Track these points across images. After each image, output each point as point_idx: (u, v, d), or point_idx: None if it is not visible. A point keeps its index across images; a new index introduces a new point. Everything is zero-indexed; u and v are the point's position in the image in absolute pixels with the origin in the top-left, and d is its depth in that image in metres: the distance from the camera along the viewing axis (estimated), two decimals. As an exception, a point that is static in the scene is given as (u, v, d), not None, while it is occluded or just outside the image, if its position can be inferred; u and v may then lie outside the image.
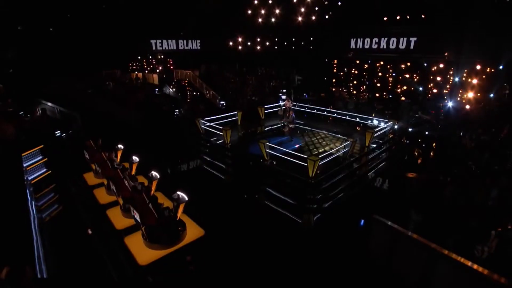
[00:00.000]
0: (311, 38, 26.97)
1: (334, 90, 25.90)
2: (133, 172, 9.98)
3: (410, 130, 17.14)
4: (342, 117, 17.72)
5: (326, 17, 24.05)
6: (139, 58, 25.03)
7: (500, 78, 15.97)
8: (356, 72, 25.22)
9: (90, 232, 8.07)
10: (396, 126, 15.91)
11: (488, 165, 10.51)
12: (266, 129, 16.88)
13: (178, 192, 7.53)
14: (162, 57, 25.95)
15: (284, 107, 17.58)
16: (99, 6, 19.85)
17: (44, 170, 10.88)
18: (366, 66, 24.36)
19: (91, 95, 16.49)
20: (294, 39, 28.07)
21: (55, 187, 10.75)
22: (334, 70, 26.86)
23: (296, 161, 11.12)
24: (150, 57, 25.38)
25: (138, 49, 22.01)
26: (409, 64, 21.24)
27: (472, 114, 15.88)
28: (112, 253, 7.15)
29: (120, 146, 11.10)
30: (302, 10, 22.98)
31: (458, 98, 18.05)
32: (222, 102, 21.83)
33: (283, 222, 8.99)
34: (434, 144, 15.20)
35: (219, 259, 7.18)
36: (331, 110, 18.73)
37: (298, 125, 17.36)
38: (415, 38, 18.17)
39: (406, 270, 5.82)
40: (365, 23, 21.15)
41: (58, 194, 10.49)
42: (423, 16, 19.27)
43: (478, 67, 17.02)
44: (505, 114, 14.22)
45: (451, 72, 18.99)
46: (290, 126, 14.40)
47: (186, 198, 7.39)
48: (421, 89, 20.72)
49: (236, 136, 15.05)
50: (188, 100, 22.67)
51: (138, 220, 6.93)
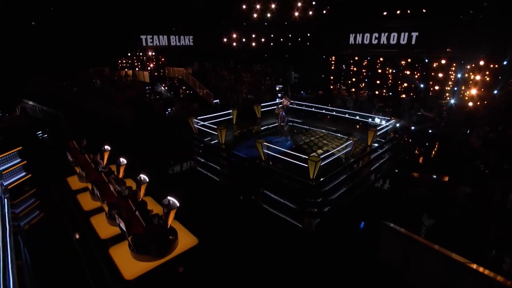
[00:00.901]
0: (308, 34, 26.62)
1: (332, 87, 25.54)
2: (120, 175, 9.42)
3: (412, 128, 16.81)
4: (341, 115, 17.32)
5: (324, 12, 23.69)
6: (129, 55, 24.31)
7: (505, 74, 15.70)
8: (355, 69, 24.88)
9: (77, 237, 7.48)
10: (397, 125, 15.56)
11: (497, 164, 10.16)
12: (263, 128, 16.41)
13: (169, 197, 7.02)
14: (154, 54, 25.26)
15: (281, 105, 17.30)
16: (86, -1, 19.15)
17: (23, 173, 10.22)
18: (366, 62, 24.02)
19: (77, 94, 15.80)
20: (290, 35, 27.69)
21: (36, 192, 10.16)
22: (332, 67, 26.50)
23: (295, 161, 10.66)
24: (141, 54, 24.68)
25: (127, 44, 21.29)
26: (409, 60, 20.94)
27: (476, 112, 15.59)
28: (94, 265, 6.57)
29: (106, 147, 10.54)
30: (299, 4, 22.57)
31: (461, 95, 17.78)
32: (216, 101, 21.26)
33: (283, 227, 8.56)
34: (437, 142, 14.88)
35: (215, 270, 6.71)
36: (330, 108, 18.32)
37: (296, 124, 17.03)
38: (417, 33, 17.85)
39: (425, 283, 5.36)
40: (364, 18, 20.79)
41: (39, 199, 9.90)
42: (424, 10, 18.98)
43: (482, 63, 16.75)
44: (512, 111, 13.95)
45: (453, 68, 18.72)
46: (282, 124, 14.21)
47: (178, 204, 6.89)
48: (422, 86, 20.43)
49: (231, 135, 14.56)
50: (181, 98, 22.06)
51: (124, 229, 6.37)
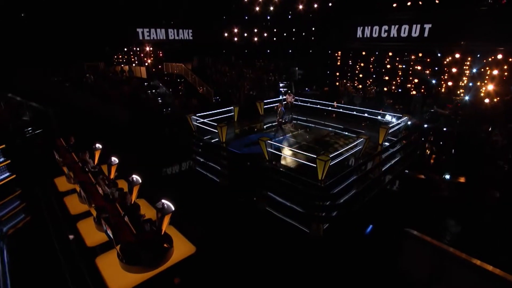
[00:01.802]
0: (313, 28, 25.98)
1: (338, 84, 24.91)
2: (112, 175, 8.86)
3: (425, 126, 16.15)
4: (349, 112, 16.73)
5: (330, 4, 23.02)
6: (125, 50, 23.73)
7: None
8: (362, 64, 24.22)
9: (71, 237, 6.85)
10: (409, 122, 14.92)
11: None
12: (266, 126, 15.81)
13: (163, 200, 6.44)
14: (151, 49, 24.70)
15: (285, 102, 16.74)
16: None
17: (7, 174, 9.67)
18: (373, 57, 23.35)
19: (69, 89, 15.23)
20: (294, 30, 27.06)
21: (21, 194, 9.66)
22: (338, 63, 25.85)
23: (301, 161, 10.07)
24: (138, 48, 24.10)
25: (123, 38, 20.65)
26: (421, 54, 20.23)
27: (494, 108, 14.89)
28: (78, 276, 5.97)
29: (98, 145, 10.01)
30: (303, -4, 21.95)
31: (477, 91, 17.08)
32: (216, 97, 20.67)
33: (288, 232, 8.15)
34: (454, 141, 14.22)
35: (214, 282, 6.16)
36: (337, 105, 17.71)
37: (300, 121, 16.53)
38: (430, 25, 17.09)
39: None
40: (372, 10, 20.09)
41: (25, 202, 9.39)
42: (437, 1, 18.27)
43: (500, 57, 16.05)
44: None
45: (468, 63, 18.02)
46: (280, 120, 14.00)
47: (173, 208, 6.33)
48: (434, 82, 19.73)
49: (232, 133, 13.98)
50: (180, 94, 21.54)
51: (111, 236, 5.77)
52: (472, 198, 7.63)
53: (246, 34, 27.63)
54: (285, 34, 27.56)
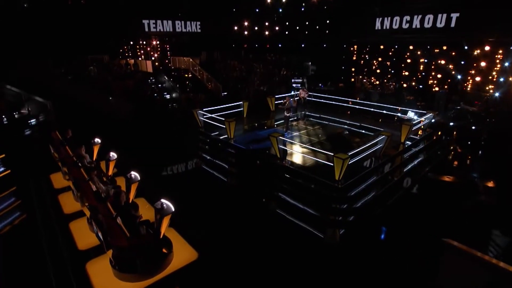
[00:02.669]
0: (328, 21, 25.14)
1: (354, 80, 24.01)
2: (110, 172, 8.35)
3: (450, 124, 15.17)
4: (366, 108, 15.96)
5: (346, -6, 22.19)
6: (131, 43, 23.42)
7: None
8: (380, 59, 23.24)
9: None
10: (433, 120, 14.01)
11: None
12: (277, 123, 15.19)
13: (163, 200, 5.84)
14: (158, 42, 24.37)
15: (298, 98, 16.10)
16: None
17: (1, 169, 9.31)
18: (392, 51, 22.34)
19: (70, 82, 14.91)
20: (307, 23, 26.28)
21: (17, 191, 9.25)
22: (354, 58, 24.94)
23: (316, 159, 9.50)
24: (144, 42, 23.77)
25: (128, 29, 20.29)
26: (445, 47, 19.12)
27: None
28: (65, 284, 5.43)
29: (97, 140, 9.54)
30: (318, -14, 21.20)
31: (510, 86, 15.92)
32: (225, 93, 20.14)
33: (300, 237, 7.53)
34: (484, 141, 13.25)
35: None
36: (354, 100, 16.96)
37: (313, 118, 15.94)
38: (458, 14, 15.98)
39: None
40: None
41: (21, 199, 8.98)
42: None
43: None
44: None
45: (499, 56, 16.88)
46: (287, 115, 13.42)
47: (172, 209, 5.73)
48: (459, 77, 18.62)
49: (241, 130, 13.43)
50: (187, 90, 21.11)
51: (101, 239, 5.21)
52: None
53: (256, 28, 27.01)
54: (297, 28, 26.81)
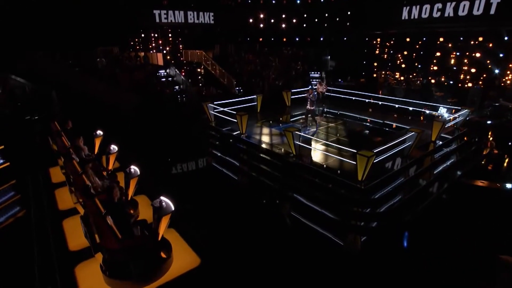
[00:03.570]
0: (349, 13, 24.12)
1: (376, 75, 22.94)
2: (110, 166, 7.90)
3: (488, 122, 14.03)
4: (391, 104, 15.41)
5: (370, -17, 21.14)
6: (142, 36, 23.27)
7: None
8: (405, 52, 22.08)
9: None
10: (468, 118, 12.95)
11: None
12: (294, 119, 14.52)
13: (162, 197, 5.28)
14: (170, 35, 24.16)
15: (315, 92, 15.38)
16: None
17: (0, 161, 9.06)
18: (419, 44, 21.12)
19: (78, 74, 14.77)
20: (327, 14, 25.34)
21: (16, 184, 8.99)
22: (377, 51, 23.83)
23: (336, 157, 9.08)
24: (155, 35, 23.58)
25: (138, 20, 20.06)
26: (481, 39, 17.77)
27: None
28: (51, 288, 4.97)
29: (99, 132, 9.17)
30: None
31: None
32: (239, 88, 19.61)
33: (316, 243, 7.06)
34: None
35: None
36: (377, 95, 16.11)
37: (333, 114, 15.39)
38: (499, -1, 14.58)
39: None
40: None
41: (20, 193, 8.71)
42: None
43: None
44: None
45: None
46: (309, 108, 12.93)
47: (172, 208, 5.14)
48: (497, 71, 17.26)
49: (254, 125, 12.85)
50: (199, 84, 20.77)
51: (89, 240, 4.68)
52: None
53: (273, 20, 26.30)
54: (316, 20, 25.91)
